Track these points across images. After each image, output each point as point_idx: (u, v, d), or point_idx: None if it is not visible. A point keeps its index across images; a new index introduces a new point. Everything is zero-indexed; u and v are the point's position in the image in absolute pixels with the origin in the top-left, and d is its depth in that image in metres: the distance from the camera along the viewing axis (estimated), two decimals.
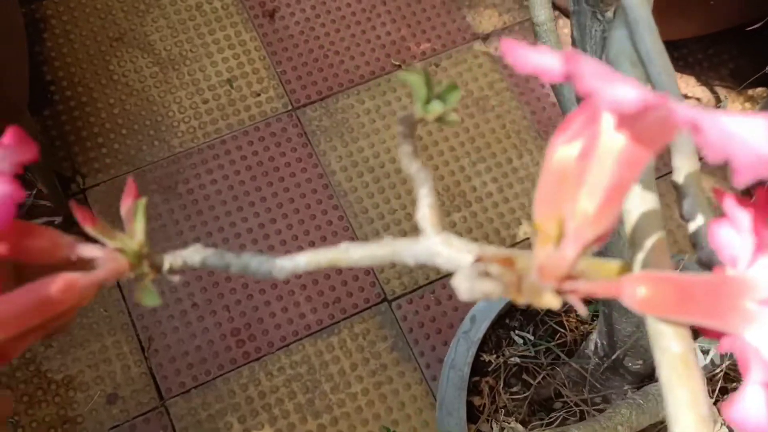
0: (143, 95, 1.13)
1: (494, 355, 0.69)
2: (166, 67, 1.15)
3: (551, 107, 1.17)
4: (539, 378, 0.66)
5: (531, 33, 1.21)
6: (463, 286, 0.16)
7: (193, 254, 0.21)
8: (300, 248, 1.07)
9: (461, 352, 0.67)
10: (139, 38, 1.17)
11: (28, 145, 0.21)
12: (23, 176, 0.90)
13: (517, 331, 0.70)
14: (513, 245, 1.08)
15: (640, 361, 0.57)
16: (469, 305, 1.05)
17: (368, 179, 1.11)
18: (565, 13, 1.22)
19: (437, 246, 0.19)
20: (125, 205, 0.22)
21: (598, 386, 0.60)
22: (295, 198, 1.09)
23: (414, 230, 1.08)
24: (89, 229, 0.21)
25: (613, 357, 0.55)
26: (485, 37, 1.21)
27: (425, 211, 0.19)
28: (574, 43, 0.42)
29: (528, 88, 1.18)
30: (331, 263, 0.20)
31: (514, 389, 0.70)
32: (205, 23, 1.18)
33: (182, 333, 1.00)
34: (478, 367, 0.69)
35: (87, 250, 0.21)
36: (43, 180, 0.94)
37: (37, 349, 0.97)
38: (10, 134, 0.22)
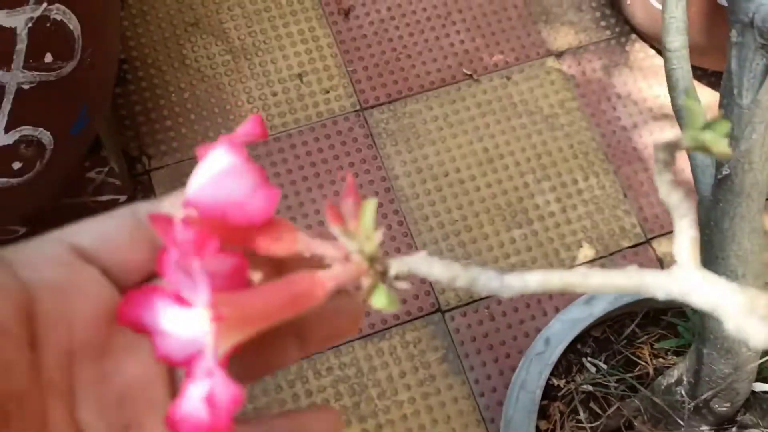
0: (214, 82, 1.13)
1: (564, 380, 0.67)
2: (238, 56, 1.15)
3: (621, 131, 1.15)
4: (612, 408, 0.64)
5: (606, 53, 1.20)
6: (762, 334, 0.15)
7: (419, 262, 0.20)
8: None
9: (533, 374, 0.66)
10: (214, 25, 1.17)
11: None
12: (99, 153, 0.91)
13: (589, 358, 0.69)
14: (572, 267, 1.06)
15: (728, 404, 0.55)
16: (522, 324, 1.03)
17: (431, 187, 1.10)
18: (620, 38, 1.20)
19: (696, 283, 0.18)
20: (347, 203, 0.21)
21: (679, 422, 0.58)
22: None
23: (472, 241, 1.07)
24: (335, 226, 0.21)
25: (703, 397, 0.53)
26: (559, 54, 1.19)
27: (686, 244, 0.18)
28: (729, 75, 0.40)
29: (600, 110, 1.16)
30: (564, 287, 0.19)
31: (580, 417, 0.68)
32: (280, 16, 1.18)
33: None
34: (546, 391, 0.67)
35: (325, 249, 0.20)
36: (115, 158, 0.94)
37: None
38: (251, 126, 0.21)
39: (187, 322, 0.19)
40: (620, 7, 1.18)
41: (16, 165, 0.72)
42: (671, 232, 1.09)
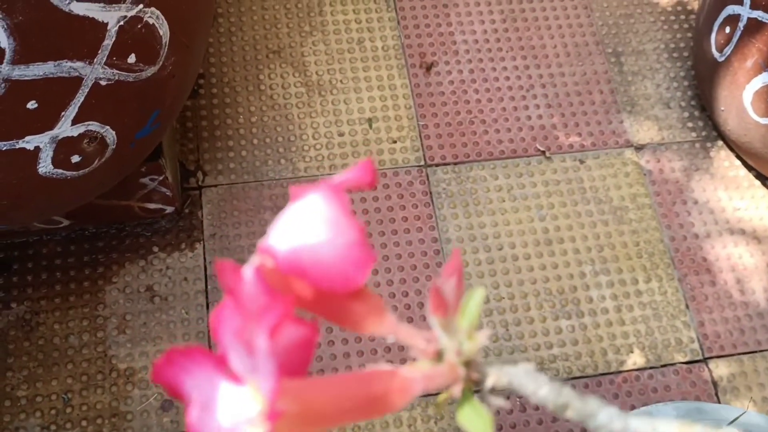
0: (283, 112, 1.12)
1: None
2: (312, 91, 1.14)
3: (693, 238, 1.08)
4: None
5: (689, 155, 1.14)
6: None
7: (524, 377, 0.16)
8: (395, 308, 1.01)
9: None
10: (295, 57, 1.16)
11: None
12: (158, 161, 0.89)
13: None
14: (618, 372, 0.99)
15: None
16: (555, 423, 0.96)
17: (482, 257, 1.04)
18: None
19: None
20: (448, 281, 0.18)
21: None
22: (402, 254, 1.04)
23: (516, 323, 1.00)
24: (436, 316, 0.17)
25: None
26: (639, 148, 1.14)
27: None
28: None
29: (673, 212, 1.10)
30: None
31: None
32: (362, 59, 1.17)
33: None
34: None
35: (415, 339, 0.16)
36: (171, 168, 0.92)
37: (110, 332, 0.94)
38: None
39: (234, 402, 0.16)
40: (712, 111, 1.13)
41: (75, 158, 0.70)
42: (732, 354, 1.01)
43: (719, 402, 0.99)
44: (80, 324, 0.95)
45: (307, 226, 0.17)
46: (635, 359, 1.00)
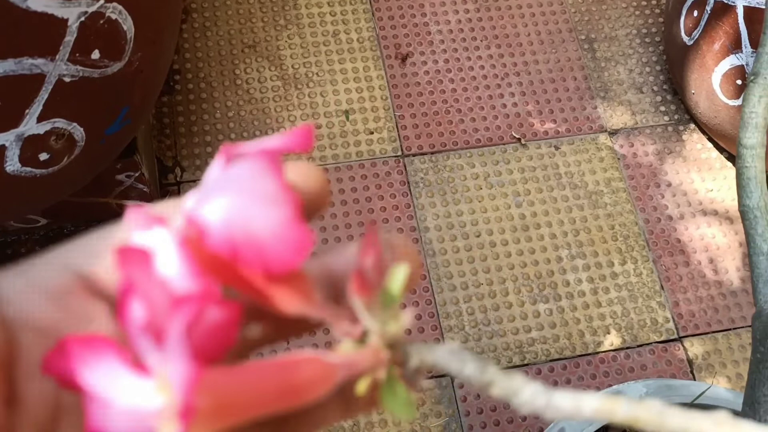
0: (261, 106, 1.12)
1: None
2: (289, 84, 1.15)
3: (666, 220, 1.10)
4: None
5: (662, 139, 1.16)
6: None
7: (449, 356, 0.16)
8: None
9: None
10: (270, 50, 1.17)
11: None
12: (132, 157, 0.89)
13: None
14: (595, 353, 1.01)
15: None
16: None
17: (460, 245, 1.06)
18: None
19: None
20: (367, 259, 0.16)
21: None
22: None
23: (495, 308, 1.02)
24: (355, 297, 0.16)
25: None
26: (613, 132, 1.16)
27: None
28: None
29: (647, 195, 1.12)
30: (630, 421, 0.15)
31: None
32: (337, 51, 1.18)
33: None
34: None
35: (339, 321, 0.16)
36: (147, 164, 0.93)
37: None
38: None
39: (139, 396, 0.14)
40: (683, 94, 1.14)
41: (44, 156, 0.71)
42: (706, 333, 1.03)
43: (695, 380, 1.01)
44: None
45: (239, 196, 0.15)
46: (612, 340, 1.02)
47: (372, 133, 1.13)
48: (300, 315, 0.16)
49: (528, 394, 0.15)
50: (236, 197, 0.16)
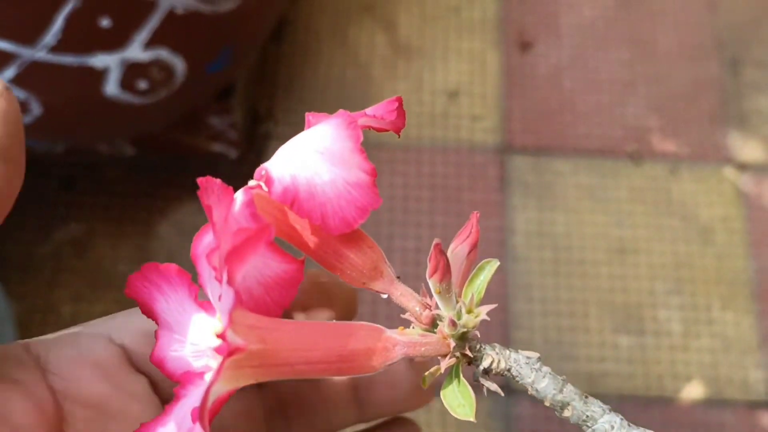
0: (365, 71, 1.08)
1: None
2: (398, 54, 1.09)
3: None
4: None
5: None
6: None
7: (525, 366, 0.15)
8: None
9: None
10: (387, 16, 1.11)
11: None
12: (229, 99, 0.87)
13: None
14: (671, 400, 0.92)
15: None
16: None
17: (547, 256, 0.98)
18: None
19: None
20: (458, 253, 0.17)
21: None
22: None
23: (571, 330, 0.94)
24: (434, 280, 0.15)
25: None
26: (741, 167, 1.05)
27: None
28: None
29: (766, 243, 1.00)
30: None
31: None
32: (455, 28, 1.11)
33: None
34: None
35: (409, 301, 0.16)
36: (242, 110, 0.90)
37: None
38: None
39: (202, 333, 0.15)
40: None
41: (143, 85, 0.69)
42: None
43: None
44: (131, 252, 0.95)
45: (311, 156, 0.16)
46: (694, 390, 0.93)
47: (475, 120, 1.06)
48: (368, 289, 0.16)
49: (604, 424, 0.15)
50: (306, 154, 0.16)
